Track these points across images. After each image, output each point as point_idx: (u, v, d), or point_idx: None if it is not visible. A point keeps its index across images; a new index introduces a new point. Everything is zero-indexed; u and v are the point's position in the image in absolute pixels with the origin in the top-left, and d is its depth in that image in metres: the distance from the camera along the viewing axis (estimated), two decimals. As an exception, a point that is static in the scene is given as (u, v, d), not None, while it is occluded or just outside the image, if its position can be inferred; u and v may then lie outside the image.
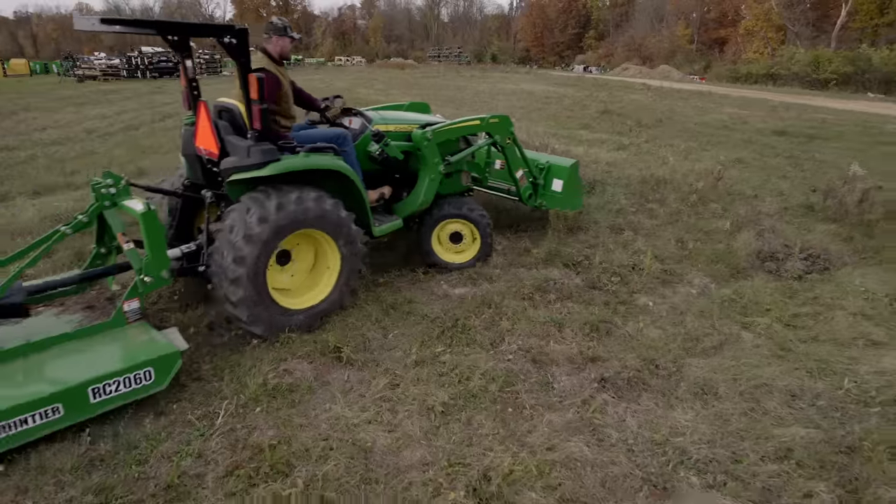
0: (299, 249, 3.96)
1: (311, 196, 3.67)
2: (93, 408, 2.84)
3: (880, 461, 2.64)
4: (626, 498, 2.50)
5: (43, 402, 2.67)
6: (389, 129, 4.65)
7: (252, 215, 3.47)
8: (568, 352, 3.58)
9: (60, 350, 3.12)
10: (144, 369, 2.97)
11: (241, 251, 3.42)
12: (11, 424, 2.58)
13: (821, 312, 4.16)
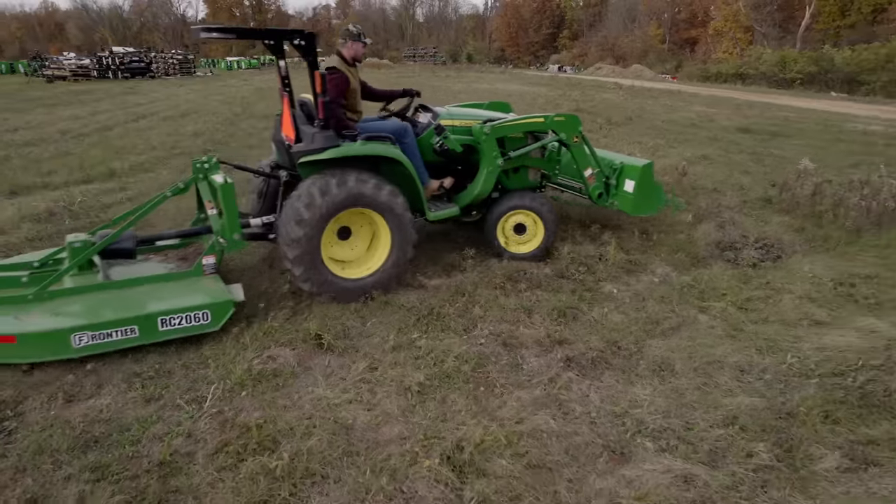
0: (360, 228, 4.48)
1: (364, 179, 4.16)
2: (160, 334, 3.58)
3: (814, 424, 2.93)
4: (588, 463, 2.74)
5: (124, 323, 3.47)
6: (454, 124, 4.96)
7: (312, 191, 4.03)
8: (536, 335, 3.82)
9: (149, 287, 3.93)
10: (203, 311, 3.67)
11: (302, 218, 4.01)
12: (101, 335, 3.41)
13: (771, 296, 4.47)
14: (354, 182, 4.11)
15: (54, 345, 3.38)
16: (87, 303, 3.70)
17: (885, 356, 3.52)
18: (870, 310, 4.27)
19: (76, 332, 3.37)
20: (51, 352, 3.39)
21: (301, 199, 4.04)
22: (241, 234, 4.17)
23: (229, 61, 51.38)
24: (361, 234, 4.51)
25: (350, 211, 4.22)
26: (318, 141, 4.14)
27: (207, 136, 11.01)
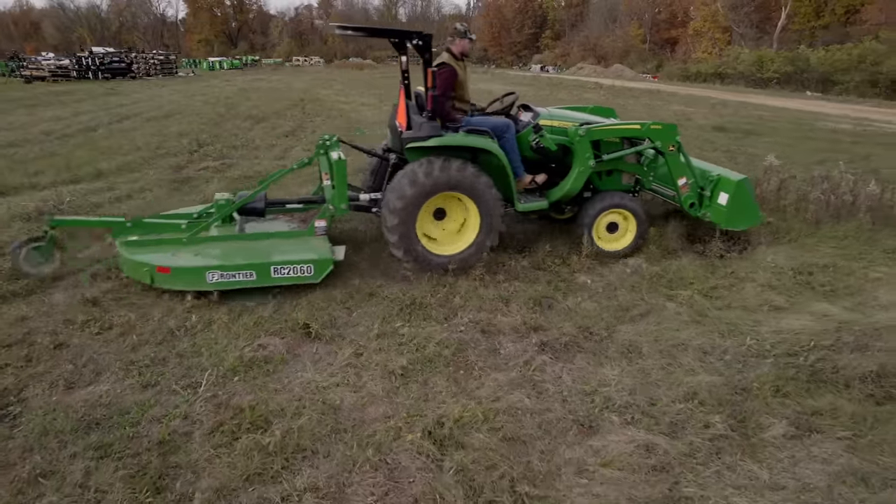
0: (453, 211, 5.00)
1: (462, 167, 4.68)
2: (272, 280, 4.33)
3: (765, 397, 3.19)
4: (559, 436, 2.97)
5: (246, 267, 4.26)
6: (552, 125, 5.29)
7: (417, 172, 4.61)
8: (513, 323, 4.04)
9: (271, 241, 4.74)
10: (308, 265, 4.38)
11: (404, 193, 4.61)
12: (228, 275, 4.23)
13: (735, 284, 4.74)
14: (453, 169, 4.64)
15: (194, 278, 4.24)
16: (223, 249, 4.59)
17: (835, 337, 3.80)
18: (825, 296, 4.56)
19: (210, 270, 4.22)
20: (192, 284, 4.25)
21: (406, 177, 4.64)
22: (347, 203, 4.94)
23: (211, 61, 51.12)
24: (454, 217, 5.02)
25: (446, 194, 4.79)
26: (425, 129, 4.73)
27: (192, 136, 11.10)
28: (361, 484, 2.59)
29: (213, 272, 4.22)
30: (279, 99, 19.18)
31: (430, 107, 4.75)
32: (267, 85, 27.38)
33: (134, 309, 4.19)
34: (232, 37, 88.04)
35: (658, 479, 2.66)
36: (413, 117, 4.89)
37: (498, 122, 5.08)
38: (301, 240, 4.83)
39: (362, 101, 18.88)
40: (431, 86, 4.69)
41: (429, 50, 4.62)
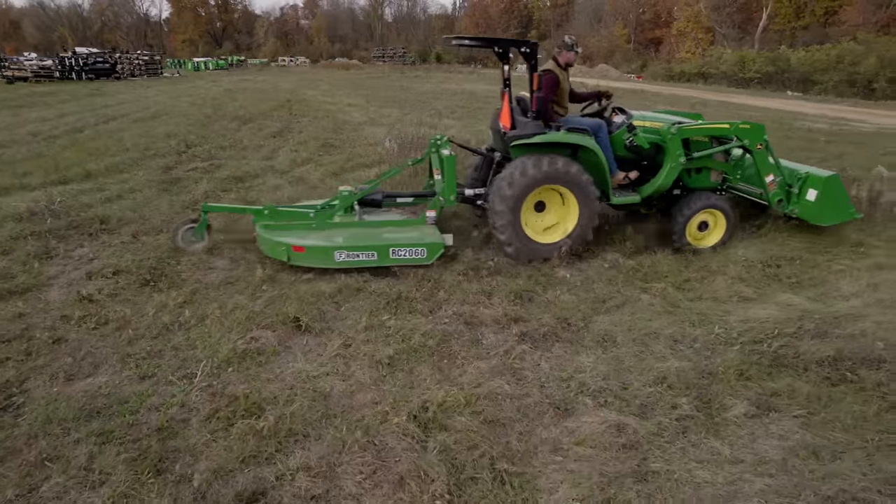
0: (552, 203, 5.41)
1: (561, 161, 5.08)
2: (390, 260, 4.95)
3: (729, 380, 3.41)
4: (536, 418, 3.16)
5: (368, 249, 4.90)
6: (644, 125, 5.75)
7: (526, 164, 5.05)
8: (495, 315, 4.24)
9: (388, 227, 5.44)
10: (422, 248, 4.97)
11: (509, 189, 5.05)
12: (353, 255, 4.87)
13: (706, 277, 4.97)
14: (557, 164, 5.06)
15: (324, 257, 4.89)
16: (347, 233, 5.26)
17: (798, 325, 4.04)
18: (790, 287, 4.80)
19: (337, 250, 4.87)
20: (322, 261, 4.91)
21: (514, 171, 5.07)
22: (456, 196, 5.54)
23: (196, 62, 50.78)
24: (552, 209, 5.44)
25: (548, 188, 5.21)
26: (530, 128, 5.21)
27: (180, 137, 11.17)
28: (351, 463, 2.77)
29: (340, 252, 4.88)
30: (266, 100, 19.23)
31: (534, 108, 5.25)
32: (253, 85, 27.37)
33: (129, 305, 4.34)
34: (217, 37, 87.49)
35: (628, 455, 2.87)
36: (517, 119, 5.37)
37: (592, 123, 5.50)
38: (414, 227, 5.49)
39: (349, 102, 19.00)
40: (537, 88, 5.18)
41: (535, 57, 5.11)
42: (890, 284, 4.74)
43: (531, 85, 5.19)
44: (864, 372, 3.49)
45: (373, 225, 5.49)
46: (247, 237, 5.49)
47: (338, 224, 5.42)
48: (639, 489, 2.65)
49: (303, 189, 7.59)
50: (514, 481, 2.69)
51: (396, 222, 5.61)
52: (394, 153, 8.01)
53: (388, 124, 12.68)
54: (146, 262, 5.08)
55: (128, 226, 6.07)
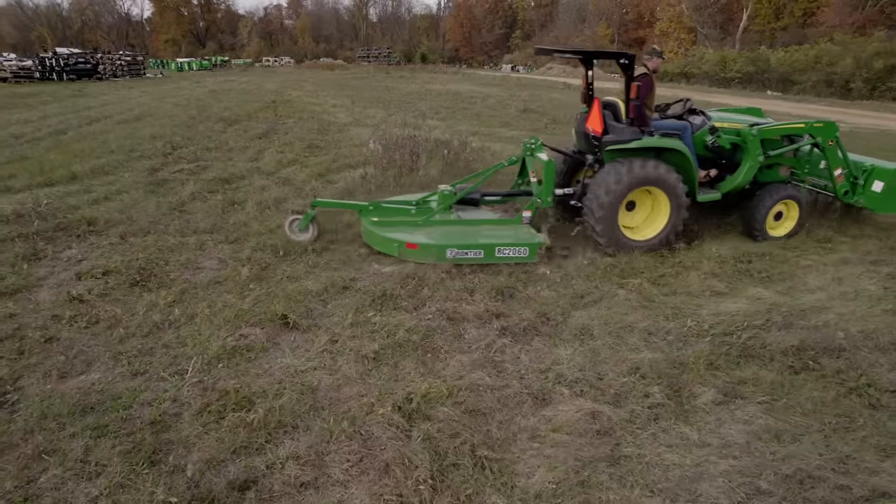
0: (641, 202, 5.76)
1: (655, 164, 5.42)
2: (496, 258, 5.22)
3: (699, 370, 3.58)
4: (515, 408, 3.31)
5: (477, 247, 5.19)
6: (724, 126, 6.03)
7: (620, 170, 5.36)
8: (477, 311, 4.38)
9: (488, 226, 5.80)
10: (523, 247, 5.25)
11: (609, 191, 5.35)
12: (463, 252, 5.15)
13: (681, 273, 5.16)
14: (651, 166, 5.38)
15: (437, 254, 5.17)
16: (452, 230, 5.61)
17: (766, 318, 4.23)
18: (760, 281, 5.00)
19: (450, 248, 5.16)
20: (434, 258, 5.17)
21: (611, 175, 5.38)
22: (552, 197, 5.85)
23: (180, 62, 50.48)
24: (642, 208, 5.80)
25: (640, 189, 5.51)
26: (626, 134, 5.53)
27: (166, 138, 11.20)
28: (338, 452, 2.90)
29: (451, 249, 5.17)
30: (250, 101, 19.23)
31: (632, 115, 5.54)
32: (238, 86, 27.31)
33: (119, 304, 4.43)
34: (200, 37, 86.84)
35: (602, 441, 3.02)
36: (611, 124, 5.64)
37: (678, 125, 5.89)
38: (512, 227, 5.80)
39: (334, 103, 19.07)
40: (635, 97, 5.46)
41: (633, 67, 5.42)
42: (853, 278, 4.97)
43: (628, 93, 5.49)
44: (826, 360, 3.69)
45: (473, 223, 5.85)
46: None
47: (440, 221, 5.75)
48: (611, 472, 2.81)
49: (290, 190, 7.70)
50: (494, 466, 2.83)
51: (495, 221, 5.97)
52: (378, 155, 8.13)
53: (372, 125, 12.79)
54: (135, 262, 5.16)
55: (115, 227, 6.14)
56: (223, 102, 18.44)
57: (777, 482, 2.73)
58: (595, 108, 5.64)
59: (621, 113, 5.74)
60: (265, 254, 5.43)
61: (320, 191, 7.60)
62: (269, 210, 6.76)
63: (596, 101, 5.68)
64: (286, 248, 5.53)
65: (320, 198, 6.31)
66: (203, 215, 6.64)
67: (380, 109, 16.72)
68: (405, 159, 7.83)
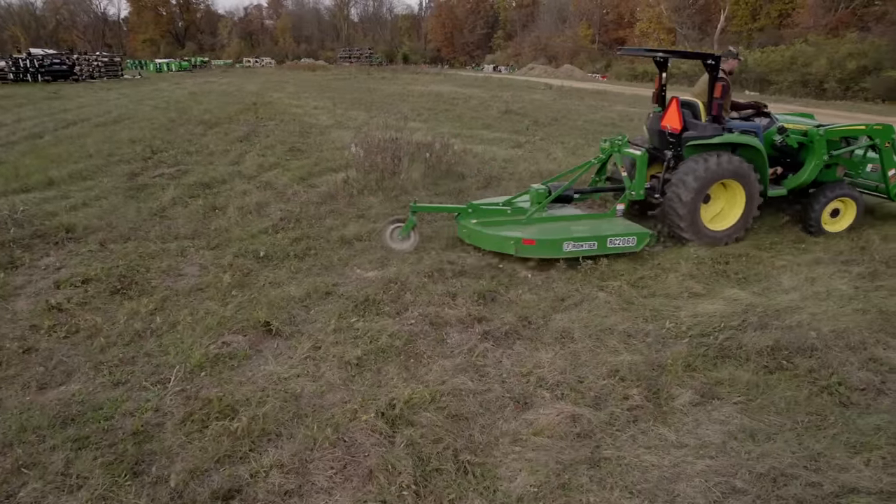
0: (716, 195, 6.07)
1: (734, 159, 5.78)
2: (607, 249, 5.46)
3: (677, 372, 3.66)
4: (497, 412, 3.36)
5: (590, 239, 5.40)
6: (790, 127, 6.33)
7: (701, 165, 5.70)
8: (459, 315, 4.42)
9: (588, 220, 5.97)
10: (632, 237, 5.52)
11: (693, 183, 5.68)
12: (577, 245, 5.37)
13: (659, 275, 5.25)
14: (732, 161, 5.74)
15: (553, 248, 5.35)
16: (557, 226, 5.78)
17: (742, 319, 4.33)
18: (737, 282, 5.11)
19: (566, 241, 5.36)
20: (551, 252, 5.36)
21: (695, 168, 5.70)
22: (644, 190, 6.14)
23: (158, 63, 49.83)
24: (716, 201, 6.12)
25: (717, 183, 5.82)
26: (708, 131, 5.88)
27: (145, 142, 11.08)
28: (322, 459, 2.92)
29: (568, 243, 5.34)
30: (231, 103, 19.08)
31: (714, 112, 5.89)
32: (218, 88, 27.07)
33: (99, 313, 4.39)
34: (179, 37, 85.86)
35: (582, 444, 3.08)
36: (691, 121, 6.04)
37: (752, 125, 6.30)
38: (610, 219, 5.98)
39: (315, 105, 18.99)
40: (719, 95, 5.80)
41: (718, 68, 5.74)
42: (826, 278, 5.10)
43: (711, 92, 5.82)
44: (799, 360, 3.79)
45: (573, 218, 6.04)
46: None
47: (541, 219, 5.94)
48: (591, 474, 2.86)
49: (271, 194, 7.68)
50: (477, 471, 2.87)
51: (591, 216, 6.18)
52: (360, 159, 8.14)
53: (354, 127, 12.79)
54: (115, 270, 5.12)
55: (94, 234, 6.08)
56: (203, 105, 18.27)
57: (752, 481, 2.81)
58: (673, 106, 6.01)
59: (699, 111, 6.08)
60: (247, 260, 5.43)
61: (302, 194, 7.59)
62: (250, 215, 6.74)
63: (675, 99, 6.03)
64: (268, 254, 5.53)
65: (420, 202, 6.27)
66: (184, 221, 6.60)
67: (361, 111, 16.70)
68: (387, 163, 7.84)
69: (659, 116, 6.28)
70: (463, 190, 7.81)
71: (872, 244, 6.01)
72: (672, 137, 6.07)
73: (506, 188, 7.92)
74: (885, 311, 4.51)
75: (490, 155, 9.88)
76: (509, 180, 8.35)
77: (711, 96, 5.85)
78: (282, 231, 6.24)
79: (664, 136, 6.20)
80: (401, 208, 7.01)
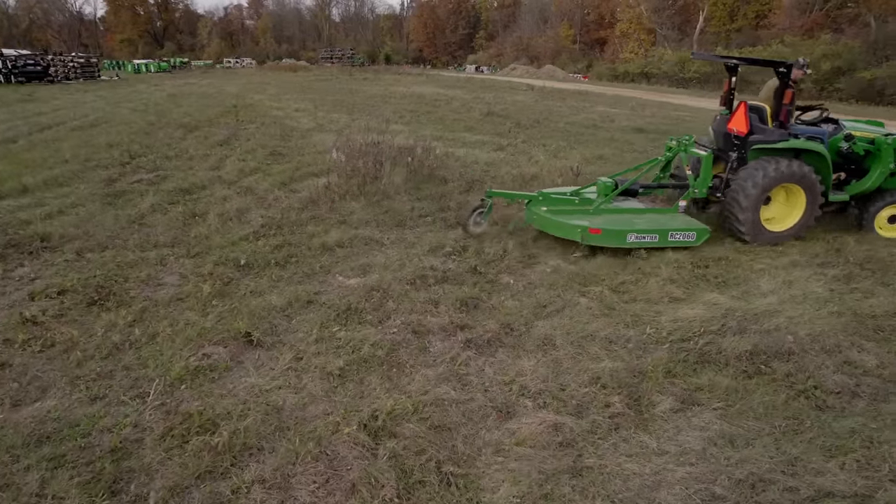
0: (776, 197, 6.26)
1: (799, 163, 5.99)
2: (668, 242, 5.81)
3: (657, 378, 3.70)
4: (480, 421, 3.36)
5: (652, 232, 5.78)
6: (857, 134, 6.46)
7: (764, 167, 5.94)
8: (442, 323, 4.42)
9: (650, 214, 6.38)
10: (691, 232, 5.86)
11: (754, 185, 5.92)
12: (641, 236, 5.75)
13: (640, 280, 5.29)
14: (795, 165, 5.95)
15: (618, 238, 5.71)
16: (622, 217, 6.13)
17: (721, 323, 4.38)
18: (717, 286, 5.17)
19: (630, 232, 5.71)
20: (616, 242, 5.73)
21: (759, 171, 5.94)
22: (708, 189, 6.47)
23: (137, 64, 49.08)
24: (776, 203, 6.31)
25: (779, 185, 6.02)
26: (774, 135, 6.12)
27: (123, 147, 10.90)
28: (304, 474, 2.90)
29: (632, 234, 5.70)
30: (211, 105, 18.88)
31: (783, 118, 6.15)
32: (198, 90, 26.77)
33: (76, 326, 4.32)
34: (157, 37, 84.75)
35: (564, 453, 3.09)
36: (758, 125, 6.22)
37: (818, 131, 6.45)
38: (671, 215, 6.34)
39: (296, 107, 18.86)
40: (788, 102, 6.06)
41: (789, 75, 5.98)
42: (802, 281, 5.19)
43: (782, 98, 6.09)
44: (777, 364, 3.85)
45: (637, 212, 6.37)
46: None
47: (608, 210, 6.27)
48: (574, 484, 2.88)
49: (252, 200, 7.61)
50: (460, 482, 2.87)
51: (655, 210, 6.54)
52: (342, 164, 8.10)
53: (336, 130, 12.71)
54: (92, 280, 5.04)
55: (71, 243, 5.97)
56: (183, 107, 18.05)
57: (731, 487, 2.84)
58: (741, 110, 6.18)
59: (766, 116, 6.28)
60: (227, 268, 5.37)
61: (283, 199, 7.54)
62: (231, 222, 6.68)
63: (742, 104, 6.20)
64: (249, 262, 5.48)
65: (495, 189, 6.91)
66: (163, 228, 6.51)
67: (343, 114, 16.62)
68: (369, 168, 7.82)
69: (725, 119, 6.48)
70: (445, 194, 7.80)
71: (847, 246, 6.13)
72: (737, 140, 6.27)
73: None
74: (859, 313, 4.60)
75: (472, 158, 9.89)
76: (491, 184, 8.35)
77: (780, 102, 6.10)
78: (263, 238, 6.18)
79: (729, 138, 6.39)
80: (383, 213, 7.00)
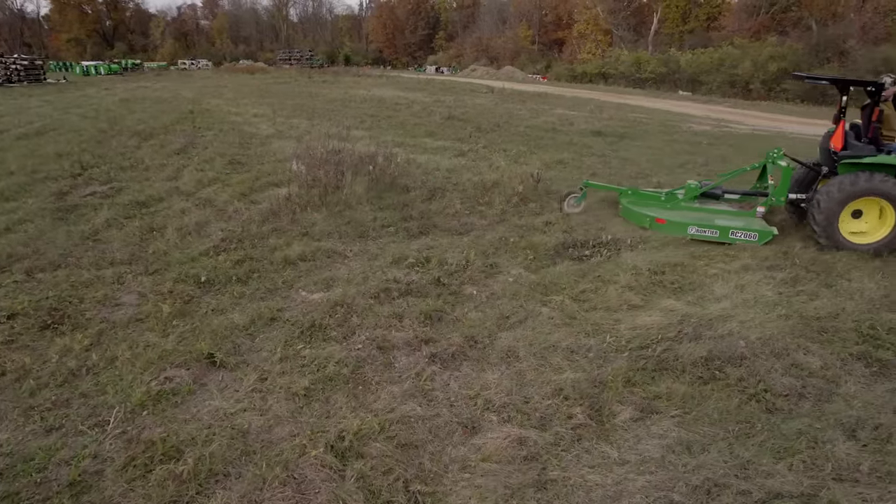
0: (869, 211, 6.50)
1: (886, 179, 6.26)
2: (729, 239, 6.52)
3: (617, 388, 3.81)
4: (446, 438, 3.41)
5: (712, 228, 6.61)
6: None
7: (843, 181, 6.33)
8: (406, 337, 4.45)
9: (726, 214, 7.16)
10: (753, 232, 6.52)
11: (829, 198, 6.31)
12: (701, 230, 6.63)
13: (600, 287, 5.42)
14: (878, 179, 6.25)
15: (679, 229, 6.65)
16: (695, 214, 7.07)
17: (678, 329, 4.54)
18: (673, 292, 5.35)
19: (691, 225, 6.63)
20: (677, 232, 6.65)
21: (836, 184, 6.35)
22: (786, 198, 7.04)
23: (86, 66, 47.30)
24: (869, 217, 6.54)
25: (866, 199, 6.34)
26: (865, 151, 6.48)
27: (74, 157, 10.51)
28: (272, 499, 2.89)
29: (692, 226, 6.59)
30: (166, 111, 18.40)
31: (870, 135, 6.55)
32: (152, 94, 26.01)
33: (28, 352, 4.18)
34: (107, 37, 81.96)
35: (529, 467, 3.17)
36: (851, 142, 6.60)
37: None
38: (746, 217, 7.00)
39: (255, 112, 18.55)
40: (876, 119, 6.49)
41: (880, 94, 6.44)
42: (753, 285, 5.41)
43: (870, 116, 6.52)
44: (730, 369, 4.01)
45: (713, 211, 7.17)
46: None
47: (686, 207, 7.19)
48: (539, 497, 2.96)
49: (211, 212, 7.48)
50: (427, 500, 2.92)
51: (731, 212, 7.19)
52: (302, 174, 8.02)
53: (296, 136, 12.58)
54: (44, 302, 4.89)
55: (20, 262, 5.76)
56: (137, 113, 17.55)
57: (688, 493, 2.96)
58: (840, 128, 6.58)
59: (860, 133, 6.68)
60: (188, 285, 5.28)
61: (243, 211, 7.43)
62: (190, 236, 6.55)
63: (842, 122, 6.58)
64: (209, 278, 5.40)
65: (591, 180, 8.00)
66: (119, 244, 6.35)
67: (303, 119, 16.44)
68: (330, 177, 7.78)
69: (829, 136, 6.80)
70: (408, 203, 7.82)
71: (794, 249, 6.41)
72: (833, 155, 6.65)
73: (449, 199, 8.00)
74: (805, 315, 4.83)
75: (434, 165, 9.94)
76: (453, 191, 8.43)
77: (869, 120, 6.52)
78: (223, 252, 6.09)
79: (828, 153, 6.76)
80: (345, 224, 6.97)
